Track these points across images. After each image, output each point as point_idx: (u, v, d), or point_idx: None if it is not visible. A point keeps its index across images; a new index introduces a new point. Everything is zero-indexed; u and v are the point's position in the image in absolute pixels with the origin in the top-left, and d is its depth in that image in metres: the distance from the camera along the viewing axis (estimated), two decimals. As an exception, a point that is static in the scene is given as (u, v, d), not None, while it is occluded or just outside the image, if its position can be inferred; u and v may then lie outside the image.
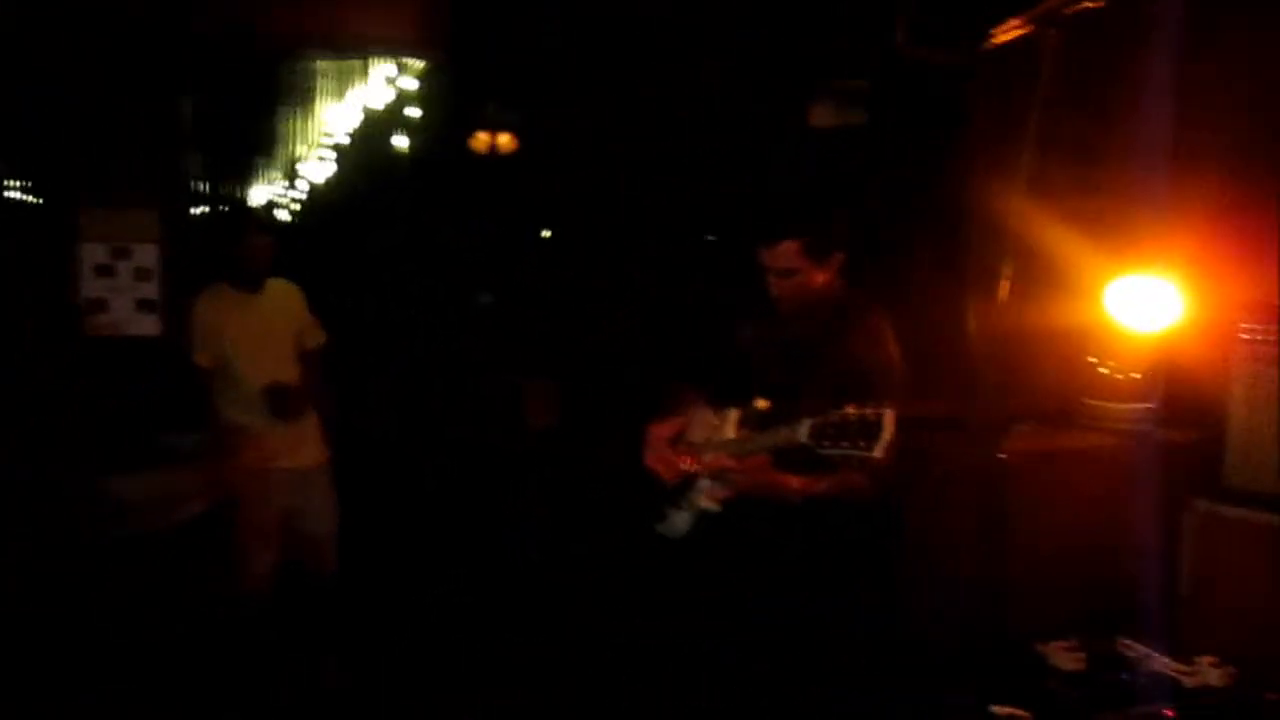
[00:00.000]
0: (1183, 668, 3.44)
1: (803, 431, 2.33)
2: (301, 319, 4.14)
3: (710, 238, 8.16)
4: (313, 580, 4.16)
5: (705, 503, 2.68)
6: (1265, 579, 3.61)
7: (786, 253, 2.65)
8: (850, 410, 2.24)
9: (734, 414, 2.72)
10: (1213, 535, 3.76)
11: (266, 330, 3.98)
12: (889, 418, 2.18)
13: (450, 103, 9.84)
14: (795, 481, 2.59)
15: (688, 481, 2.76)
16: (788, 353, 2.77)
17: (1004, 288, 2.95)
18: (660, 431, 2.88)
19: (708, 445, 2.74)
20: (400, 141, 11.08)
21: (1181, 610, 3.80)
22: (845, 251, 2.74)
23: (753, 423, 2.67)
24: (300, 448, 4.06)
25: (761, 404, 2.69)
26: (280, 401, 3.93)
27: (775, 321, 2.81)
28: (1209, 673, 3.43)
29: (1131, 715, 3.05)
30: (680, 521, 2.77)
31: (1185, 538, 3.82)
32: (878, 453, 2.17)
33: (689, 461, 2.78)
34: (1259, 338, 3.64)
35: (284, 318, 4.06)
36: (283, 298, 4.10)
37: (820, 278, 2.70)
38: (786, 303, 2.73)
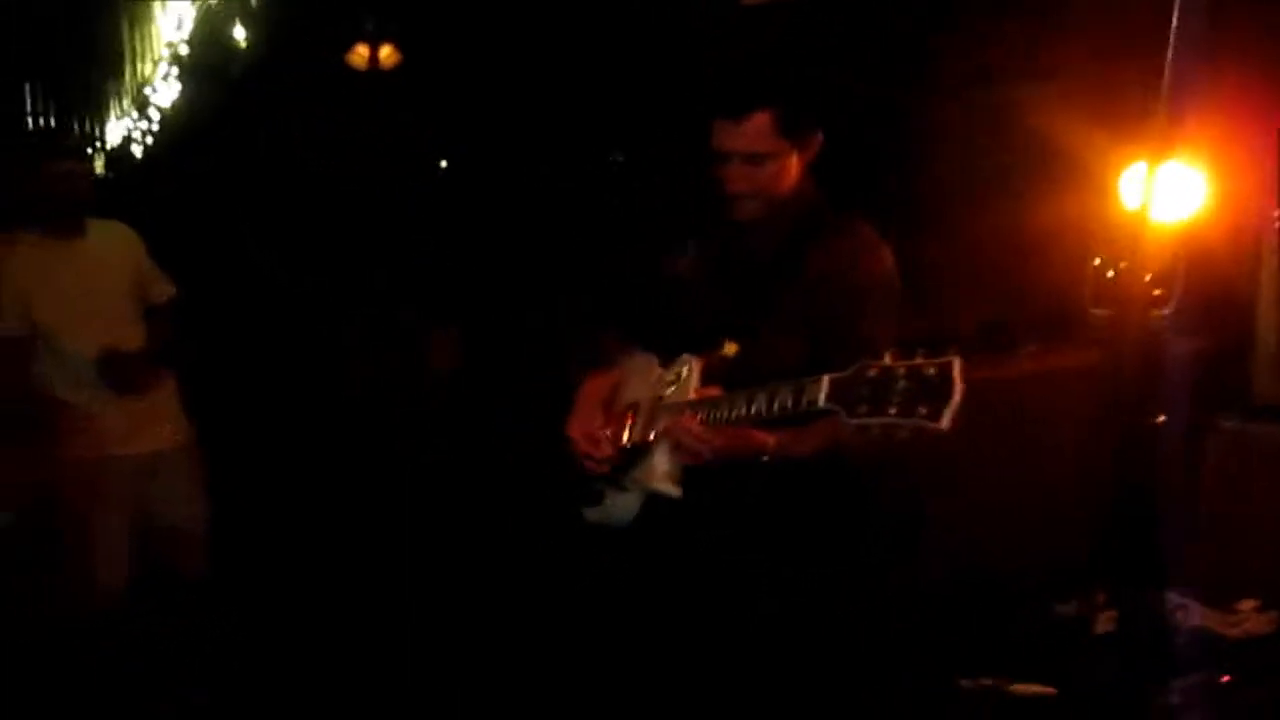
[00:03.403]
0: (1222, 617, 3.14)
1: (820, 392, 1.81)
2: (139, 268, 3.54)
3: (619, 158, 7.62)
4: (180, 584, 3.59)
5: (660, 484, 2.17)
6: (1303, 504, 3.32)
7: (756, 129, 2.13)
8: (894, 362, 1.71)
9: (693, 365, 2.21)
10: (1241, 457, 3.45)
11: (93, 285, 3.37)
12: (957, 369, 1.64)
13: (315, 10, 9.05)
14: (770, 439, 2.08)
15: (629, 455, 2.26)
16: (752, 273, 2.26)
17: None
18: (592, 392, 2.38)
19: (660, 408, 2.23)
20: (257, 54, 10.16)
21: (1207, 544, 3.49)
22: (823, 133, 2.22)
23: (722, 375, 2.17)
24: (151, 427, 3.48)
25: (729, 348, 2.20)
26: (120, 372, 3.34)
27: (730, 235, 2.30)
28: (1252, 620, 3.15)
29: (1182, 689, 2.69)
30: (622, 506, 2.28)
31: (1209, 461, 3.51)
32: (945, 422, 1.62)
33: (630, 429, 2.27)
34: (1293, 226, 3.30)
35: (115, 268, 3.45)
36: (112, 243, 3.48)
37: (795, 166, 2.21)
38: (750, 203, 2.21)
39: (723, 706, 2.27)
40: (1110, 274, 3.65)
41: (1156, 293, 2.46)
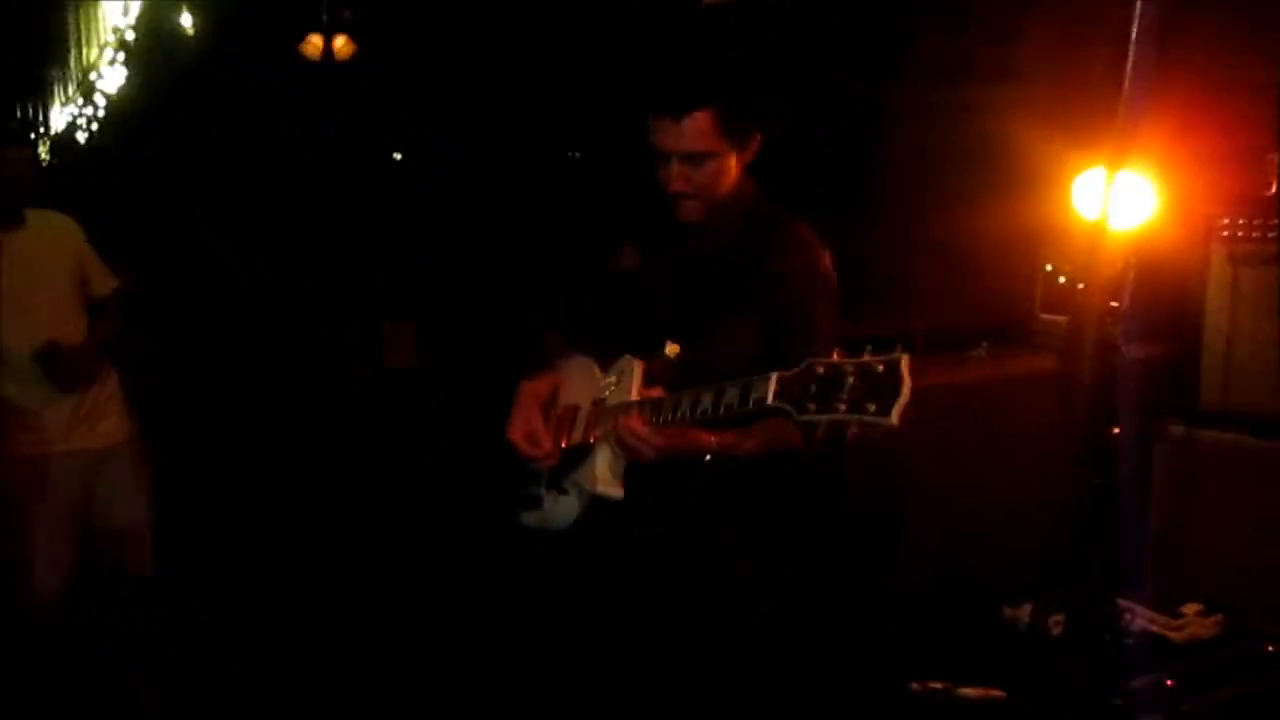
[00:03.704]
0: (1168, 621, 3.19)
1: (768, 390, 1.80)
2: (80, 259, 3.47)
3: (575, 154, 7.59)
4: (126, 583, 3.54)
5: (602, 486, 2.15)
6: (1249, 510, 3.38)
7: (698, 128, 2.09)
8: (841, 360, 1.71)
9: (635, 367, 2.18)
10: (1187, 463, 3.50)
11: (32, 278, 3.30)
12: (905, 365, 1.65)
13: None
14: (712, 439, 2.08)
15: (569, 457, 2.25)
16: (694, 275, 2.26)
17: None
18: (531, 395, 2.35)
19: (602, 410, 2.21)
20: (204, 43, 9.99)
21: (1157, 550, 3.54)
22: (764, 134, 2.22)
23: (664, 376, 2.16)
24: (94, 423, 3.43)
25: (671, 349, 2.18)
26: (60, 367, 3.27)
27: (671, 236, 2.28)
28: (1196, 624, 3.20)
29: (1127, 692, 2.73)
30: (562, 510, 2.25)
31: (1158, 467, 3.55)
32: (894, 418, 1.62)
33: (570, 431, 2.25)
34: (1241, 234, 3.34)
35: (55, 260, 3.39)
36: (52, 234, 3.41)
37: (735, 167, 2.21)
38: (691, 203, 2.20)
39: (671, 705, 2.27)
40: (1061, 279, 3.71)
41: (1113, 304, 2.49)
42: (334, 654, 3.65)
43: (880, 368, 1.65)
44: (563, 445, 2.24)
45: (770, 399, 1.78)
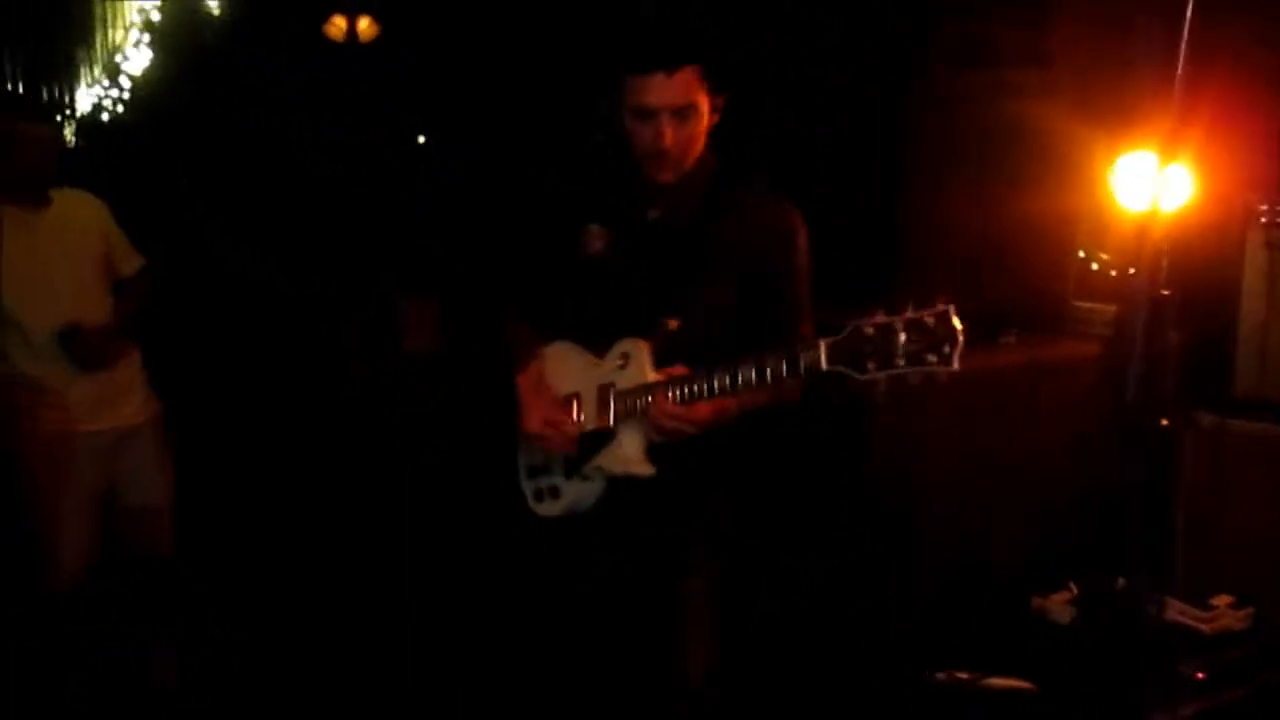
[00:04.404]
0: (1199, 613, 3.15)
1: (819, 356, 1.88)
2: (106, 239, 3.46)
3: (600, 137, 7.51)
4: (145, 564, 3.54)
5: (634, 467, 2.15)
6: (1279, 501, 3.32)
7: (686, 80, 2.11)
8: (888, 318, 1.80)
9: (641, 348, 2.17)
10: (1219, 452, 3.45)
11: (58, 257, 3.30)
12: (954, 314, 1.75)
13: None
14: (733, 403, 2.11)
15: (586, 443, 2.23)
16: (670, 246, 2.23)
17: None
18: (530, 385, 2.31)
19: (616, 393, 2.18)
20: (230, 24, 10.03)
21: (1187, 540, 3.50)
22: (729, 93, 2.22)
23: (671, 351, 2.14)
24: (118, 403, 3.43)
25: (671, 323, 2.17)
26: (83, 347, 3.27)
27: (638, 211, 2.26)
28: (1227, 616, 3.16)
29: (1159, 683, 2.69)
30: (582, 495, 2.24)
31: (1187, 456, 3.50)
32: (956, 364, 1.74)
33: (581, 418, 2.23)
34: (1278, 220, 3.28)
35: (80, 239, 3.38)
36: (78, 213, 3.40)
37: (706, 124, 2.21)
38: (674, 160, 2.18)
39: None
40: (1094, 266, 3.66)
41: (1164, 292, 2.46)
42: (342, 642, 3.66)
43: (930, 320, 1.76)
44: (579, 431, 2.23)
45: (824, 365, 1.87)
